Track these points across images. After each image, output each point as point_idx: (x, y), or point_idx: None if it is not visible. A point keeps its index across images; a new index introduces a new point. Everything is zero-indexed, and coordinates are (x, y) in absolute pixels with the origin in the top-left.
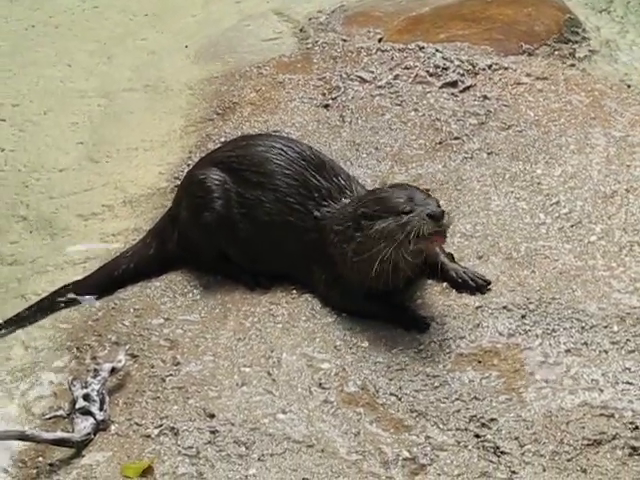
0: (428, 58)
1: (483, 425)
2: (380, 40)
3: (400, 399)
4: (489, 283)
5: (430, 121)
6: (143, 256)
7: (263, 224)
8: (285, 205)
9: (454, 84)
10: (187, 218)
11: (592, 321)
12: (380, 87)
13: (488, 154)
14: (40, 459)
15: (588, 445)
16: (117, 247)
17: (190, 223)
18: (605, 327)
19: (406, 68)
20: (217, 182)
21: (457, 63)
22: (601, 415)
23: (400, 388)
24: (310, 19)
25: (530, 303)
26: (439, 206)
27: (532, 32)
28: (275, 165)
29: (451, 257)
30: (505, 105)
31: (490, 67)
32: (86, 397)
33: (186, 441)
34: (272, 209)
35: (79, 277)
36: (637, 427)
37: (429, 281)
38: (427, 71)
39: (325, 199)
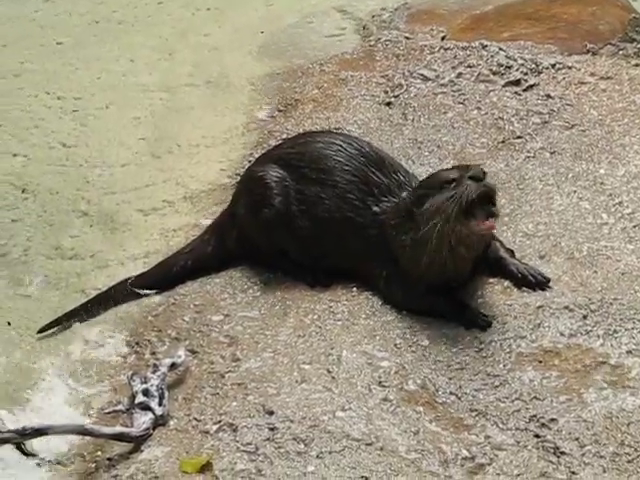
0: (491, 56)
1: (543, 425)
2: (443, 38)
3: (460, 398)
4: (549, 280)
5: (493, 120)
6: (202, 252)
7: (322, 221)
8: (345, 201)
9: (517, 83)
10: (246, 215)
11: None
12: (443, 85)
13: (551, 153)
14: (99, 453)
15: None
16: (177, 242)
17: (249, 220)
18: None
19: (469, 66)
20: (276, 179)
21: (520, 62)
22: None
23: (460, 387)
24: (373, 16)
25: (592, 303)
26: (482, 171)
27: (596, 31)
28: (334, 162)
29: (511, 253)
30: (568, 104)
31: (554, 66)
32: (145, 392)
33: (245, 437)
34: (331, 206)
35: (139, 272)
36: None
37: (490, 280)
38: (490, 69)
39: (385, 195)
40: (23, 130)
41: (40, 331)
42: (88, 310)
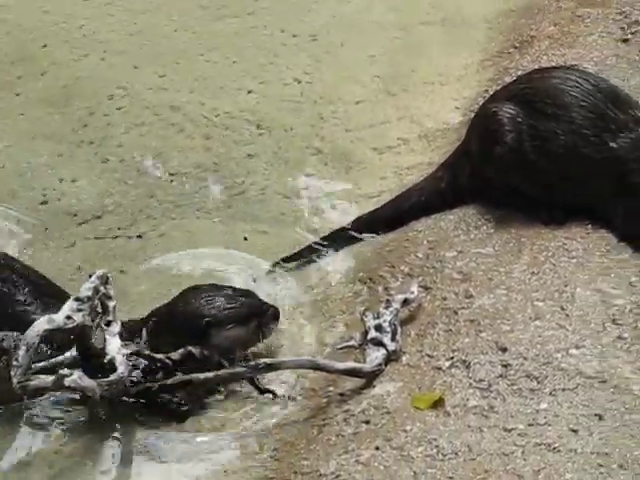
0: None
1: None
2: None
3: None
4: None
5: None
6: (434, 189)
7: (557, 157)
8: (581, 137)
9: None
10: (479, 152)
11: None
12: None
13: None
14: (331, 388)
15: None
16: (411, 181)
17: (482, 157)
18: None
19: None
20: (509, 115)
21: None
22: None
23: None
24: None
25: None
26: None
27: None
28: (571, 97)
29: None
30: None
31: None
32: (378, 328)
33: (477, 374)
34: (567, 141)
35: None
36: None
37: None
38: None
39: (622, 131)
40: (257, 67)
41: (274, 265)
42: (323, 246)
